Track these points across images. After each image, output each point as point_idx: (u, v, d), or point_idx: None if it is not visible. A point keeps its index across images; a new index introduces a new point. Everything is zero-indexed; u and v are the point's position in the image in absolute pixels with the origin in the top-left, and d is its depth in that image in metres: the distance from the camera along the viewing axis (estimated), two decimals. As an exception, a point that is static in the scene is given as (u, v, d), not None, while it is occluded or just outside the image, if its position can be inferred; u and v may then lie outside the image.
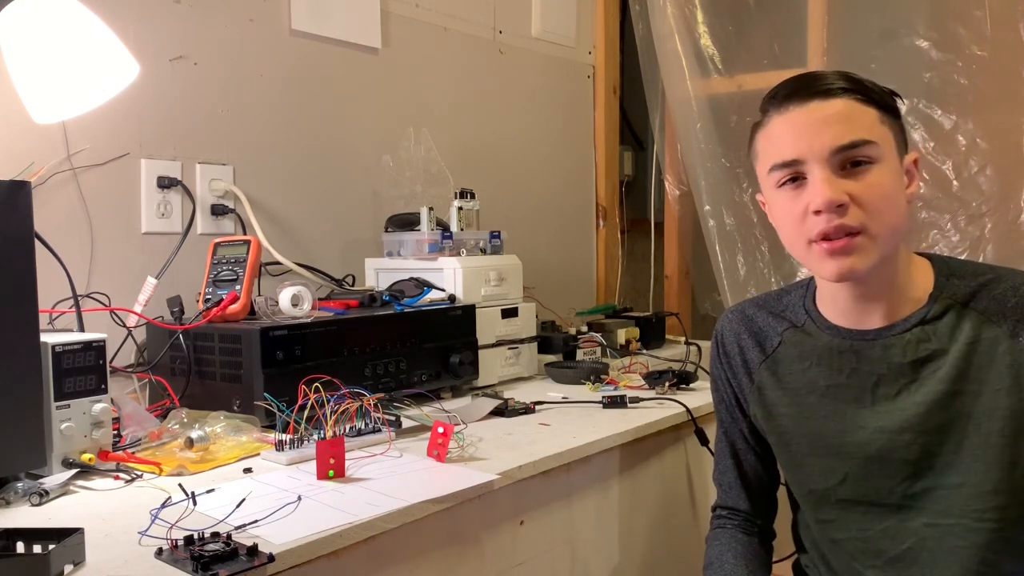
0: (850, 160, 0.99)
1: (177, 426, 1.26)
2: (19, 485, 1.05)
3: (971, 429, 1.01)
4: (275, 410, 1.22)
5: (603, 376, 1.74)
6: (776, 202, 1.05)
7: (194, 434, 1.20)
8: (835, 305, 1.10)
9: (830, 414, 1.10)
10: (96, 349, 1.14)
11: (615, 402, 1.53)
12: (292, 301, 1.41)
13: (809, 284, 1.16)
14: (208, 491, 1.05)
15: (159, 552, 0.86)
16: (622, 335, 2.09)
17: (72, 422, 1.11)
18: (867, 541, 1.10)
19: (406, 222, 1.80)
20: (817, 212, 0.99)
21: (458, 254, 1.74)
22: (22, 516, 0.99)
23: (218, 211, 1.67)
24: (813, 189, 0.99)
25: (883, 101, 1.02)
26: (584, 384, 1.72)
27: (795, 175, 1.01)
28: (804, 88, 1.01)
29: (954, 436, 1.02)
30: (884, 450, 1.06)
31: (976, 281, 1.05)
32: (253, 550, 0.85)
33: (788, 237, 1.06)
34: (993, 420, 1.00)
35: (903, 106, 1.06)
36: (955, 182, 1.94)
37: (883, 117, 1.01)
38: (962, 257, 1.92)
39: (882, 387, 1.06)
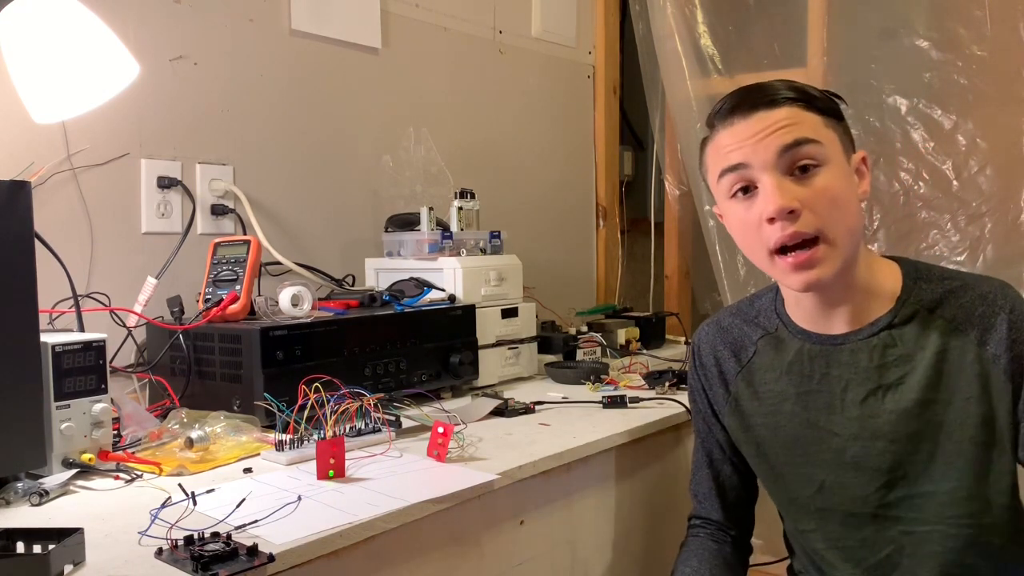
0: (797, 163, 0.99)
1: (177, 426, 1.26)
2: (19, 485, 1.05)
3: (943, 438, 1.02)
4: (275, 410, 1.22)
5: (603, 376, 1.74)
6: (731, 213, 1.06)
7: (194, 434, 1.20)
8: (801, 311, 1.11)
9: (804, 422, 1.10)
10: (96, 349, 1.14)
11: (615, 402, 1.53)
12: (292, 301, 1.41)
13: (778, 288, 1.17)
14: (208, 491, 1.05)
15: (159, 552, 0.86)
16: (622, 335, 2.09)
17: (72, 422, 1.11)
18: (847, 550, 1.11)
19: (406, 222, 1.80)
20: (771, 220, 0.99)
21: (458, 254, 1.74)
22: (22, 516, 0.99)
23: (218, 211, 1.67)
24: (764, 197, 0.99)
25: (826, 106, 1.03)
26: (584, 384, 1.72)
27: (745, 184, 1.02)
28: (748, 100, 1.02)
29: (926, 445, 1.03)
30: (858, 457, 1.07)
31: (943, 287, 1.05)
32: (253, 550, 0.85)
33: (747, 248, 1.06)
34: (965, 428, 1.01)
35: (847, 110, 1.08)
36: (955, 182, 1.94)
37: (827, 121, 1.02)
38: (962, 257, 1.92)
39: (850, 392, 1.07)
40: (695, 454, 1.27)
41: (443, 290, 1.67)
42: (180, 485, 1.03)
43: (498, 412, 1.48)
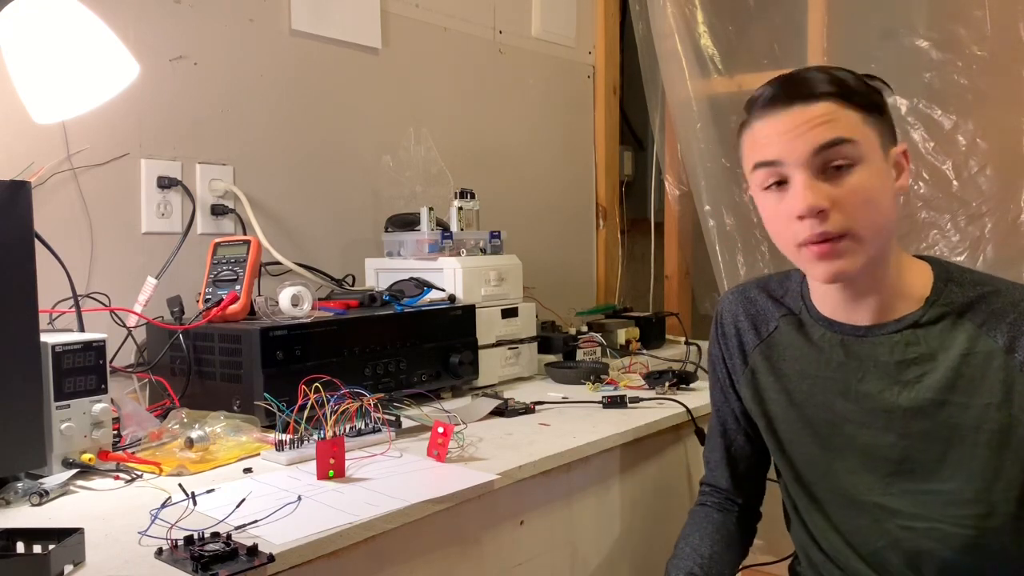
0: (832, 162, 0.98)
1: (177, 426, 1.26)
2: (19, 485, 1.05)
3: (956, 440, 1.02)
4: (275, 410, 1.22)
5: (603, 376, 1.74)
6: (763, 204, 1.05)
7: (194, 434, 1.20)
8: (826, 301, 1.11)
9: (819, 404, 1.11)
10: (96, 349, 1.14)
11: (615, 402, 1.53)
12: (292, 301, 1.41)
13: (805, 275, 1.16)
14: (208, 491, 1.05)
15: (159, 552, 0.86)
16: (622, 335, 2.09)
17: (72, 422, 1.11)
18: (844, 535, 1.11)
19: (406, 222, 1.80)
20: (800, 217, 0.98)
21: (458, 254, 1.74)
22: (22, 516, 0.99)
23: (218, 211, 1.67)
24: (795, 194, 0.99)
25: (867, 100, 1.00)
26: (584, 384, 1.72)
27: (778, 178, 1.01)
28: (786, 91, 1.01)
29: (937, 445, 1.03)
30: (868, 446, 1.07)
31: (975, 291, 1.04)
32: (253, 550, 0.85)
33: (777, 239, 1.05)
34: (980, 433, 1.00)
35: (891, 98, 1.05)
36: (955, 182, 1.94)
37: (866, 117, 1.00)
38: (962, 257, 1.92)
39: (865, 383, 1.07)
40: (711, 422, 1.28)
41: (443, 290, 1.67)
42: (180, 485, 1.03)
43: (498, 412, 1.48)
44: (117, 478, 1.11)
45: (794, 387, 1.13)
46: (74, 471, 1.09)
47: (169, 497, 1.00)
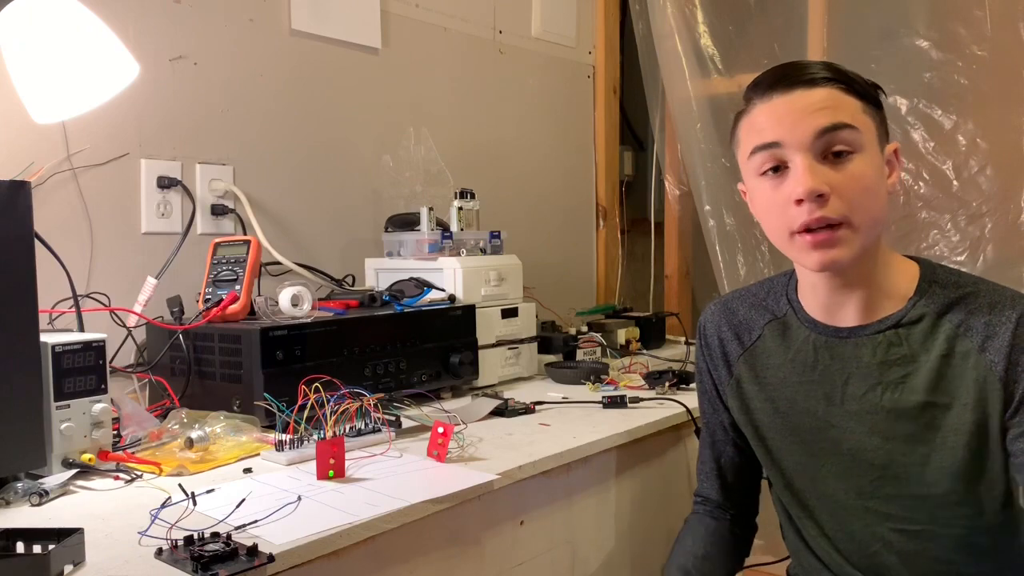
0: (832, 148, 0.98)
1: (177, 426, 1.26)
2: (19, 485, 1.05)
3: (939, 442, 1.02)
4: (275, 410, 1.22)
5: (603, 376, 1.74)
6: (758, 191, 1.04)
7: (194, 434, 1.20)
8: (815, 297, 1.10)
9: (804, 410, 1.11)
10: (96, 349, 1.14)
11: (615, 402, 1.53)
12: (292, 301, 1.41)
13: (792, 273, 1.15)
14: (208, 491, 1.05)
15: (159, 552, 0.86)
16: (622, 335, 2.09)
17: (72, 422, 1.11)
18: (836, 541, 1.12)
19: (406, 222, 1.80)
20: (799, 202, 0.98)
21: (458, 254, 1.74)
22: (22, 516, 0.99)
23: (218, 211, 1.67)
24: (795, 178, 0.98)
25: (865, 92, 1.02)
26: (584, 384, 1.72)
27: (776, 163, 1.00)
28: (788, 77, 1.01)
29: (922, 448, 1.03)
30: (854, 451, 1.07)
31: (956, 292, 1.03)
32: (253, 550, 0.85)
33: (770, 227, 1.05)
34: (959, 434, 1.01)
35: (891, 98, 1.05)
36: (955, 182, 1.94)
37: (865, 107, 1.01)
38: (962, 257, 1.92)
39: (851, 385, 1.07)
40: (701, 434, 1.28)
41: (443, 290, 1.67)
42: (180, 485, 1.03)
43: (498, 412, 1.47)
44: (117, 478, 1.11)
45: (778, 395, 1.13)
46: (74, 471, 1.09)
47: (169, 497, 1.00)
